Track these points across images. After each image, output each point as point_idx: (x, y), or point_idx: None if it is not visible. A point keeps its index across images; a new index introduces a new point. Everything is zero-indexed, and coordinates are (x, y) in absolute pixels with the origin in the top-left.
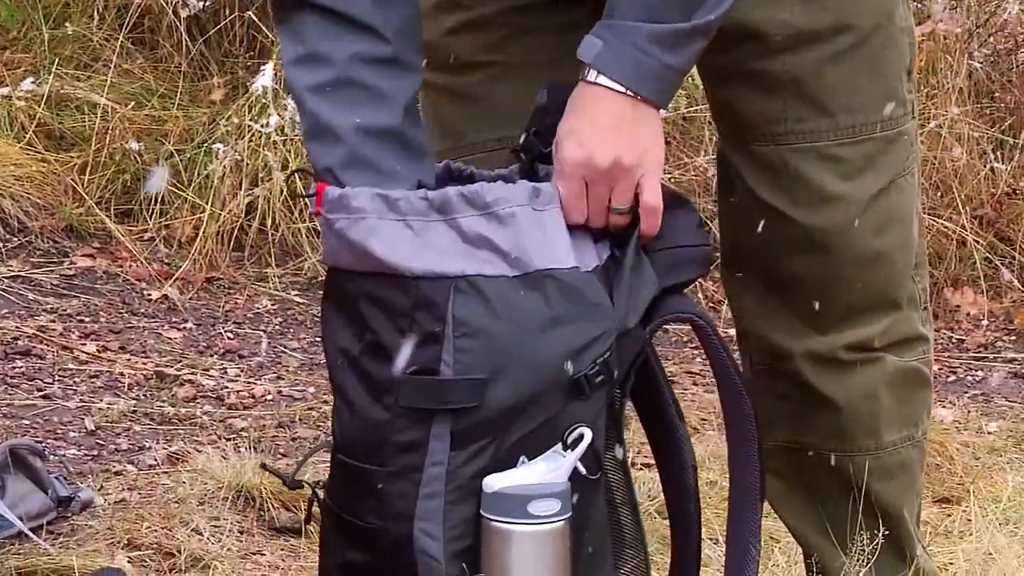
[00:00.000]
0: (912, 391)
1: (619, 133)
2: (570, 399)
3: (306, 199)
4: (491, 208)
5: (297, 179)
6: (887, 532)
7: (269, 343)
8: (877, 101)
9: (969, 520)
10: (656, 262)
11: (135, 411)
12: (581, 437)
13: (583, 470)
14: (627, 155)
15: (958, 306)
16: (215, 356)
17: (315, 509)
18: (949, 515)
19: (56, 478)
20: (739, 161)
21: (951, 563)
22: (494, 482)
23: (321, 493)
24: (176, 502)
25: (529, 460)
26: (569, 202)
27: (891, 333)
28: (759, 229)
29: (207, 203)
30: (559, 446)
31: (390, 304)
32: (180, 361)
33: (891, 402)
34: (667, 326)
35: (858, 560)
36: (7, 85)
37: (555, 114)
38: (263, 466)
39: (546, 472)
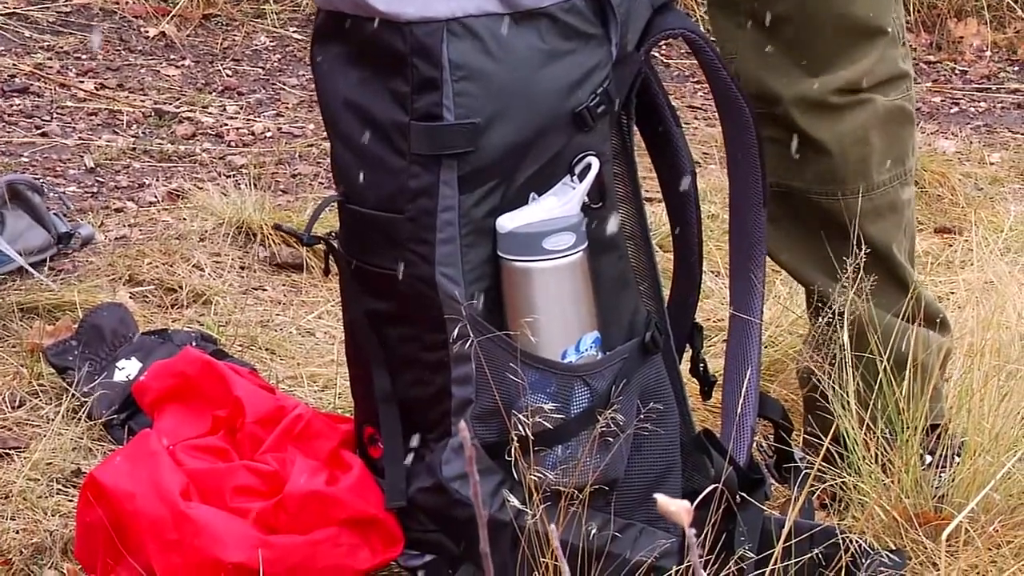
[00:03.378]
0: (899, 129)
1: None
2: (574, 132)
3: None
4: None
5: None
6: (881, 266)
7: (267, 80)
8: None
9: (970, 250)
10: None
11: (134, 148)
12: (589, 166)
13: (587, 200)
14: None
15: (961, 37)
16: (214, 93)
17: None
18: (950, 245)
19: (56, 214)
20: None
21: (952, 292)
22: (507, 222)
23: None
24: (177, 238)
25: (539, 196)
26: None
27: (877, 72)
28: None
29: None
30: (568, 178)
31: (392, 50)
32: (179, 99)
33: (880, 143)
34: (669, 61)
35: (857, 291)
36: None
37: None
38: (276, 227)
39: (557, 206)
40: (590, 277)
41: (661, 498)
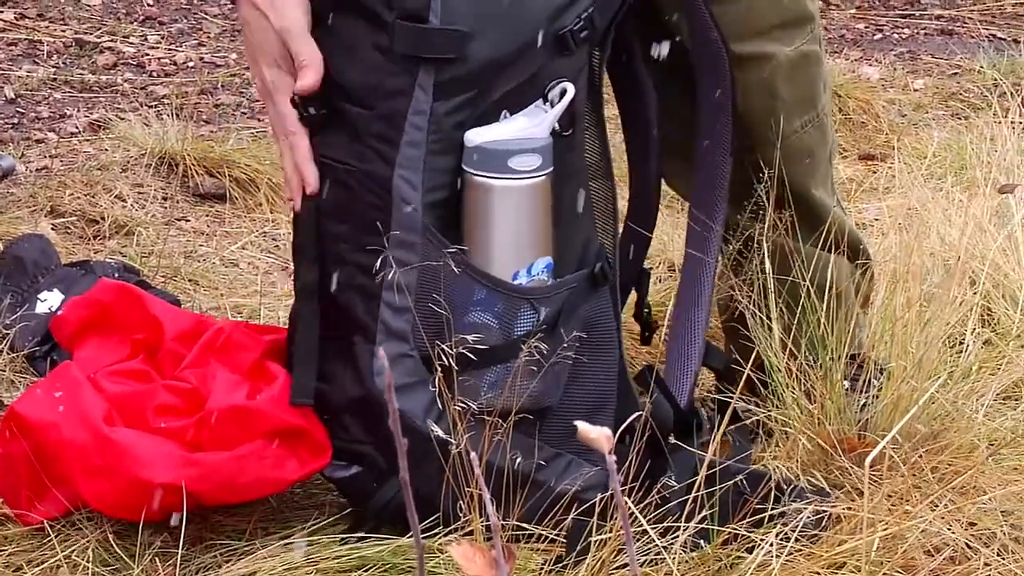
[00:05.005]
0: (807, 74)
1: None
2: (554, 55)
3: None
4: None
5: None
6: (799, 203)
7: (189, 9)
8: None
9: (894, 176)
10: None
11: (55, 79)
12: (564, 92)
13: (558, 127)
14: None
15: None
16: (135, 23)
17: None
18: (874, 172)
19: None
20: None
21: (877, 219)
22: (476, 136)
23: None
24: (99, 169)
25: (511, 115)
26: None
27: (780, 12)
28: None
29: None
30: (540, 101)
31: None
32: (99, 28)
33: (788, 93)
34: None
35: (772, 226)
36: None
37: None
38: None
39: (527, 126)
40: (550, 202)
41: (582, 425)
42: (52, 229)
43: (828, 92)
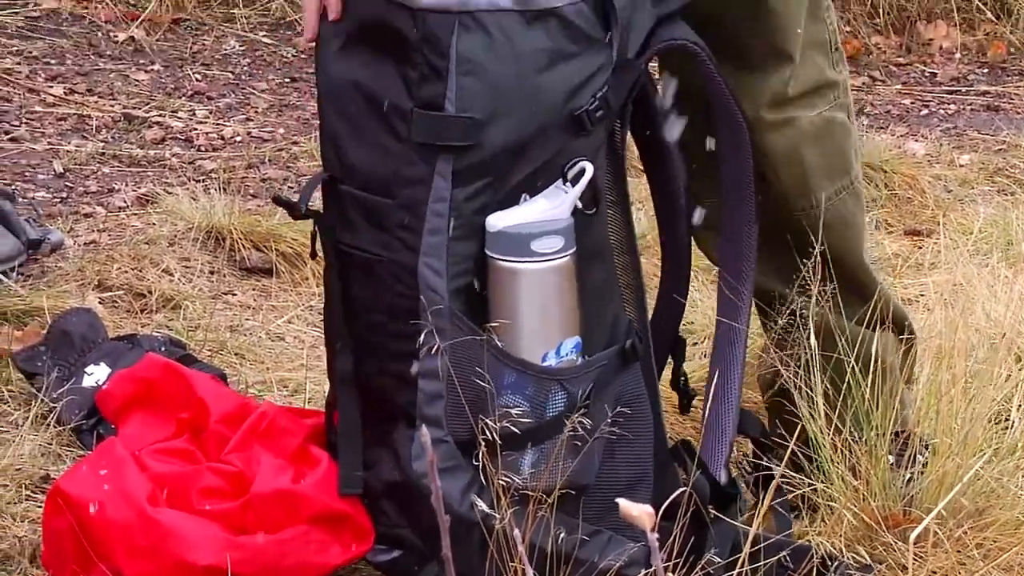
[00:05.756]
0: (834, 141)
1: None
2: (571, 136)
3: None
4: None
5: None
6: (841, 276)
7: (237, 84)
8: None
9: (939, 252)
10: None
11: (104, 153)
12: (583, 171)
13: (580, 205)
14: None
15: (931, 39)
16: (183, 98)
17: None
18: (920, 247)
19: (26, 220)
20: None
21: (921, 295)
22: (497, 221)
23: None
24: (146, 243)
25: (531, 197)
26: None
27: (800, 81)
28: None
29: None
30: (560, 181)
31: (402, 34)
32: (148, 103)
33: (816, 159)
34: None
35: (817, 301)
36: None
37: None
38: (275, 199)
39: (548, 208)
40: (576, 282)
41: (624, 503)
42: (99, 303)
43: (859, 163)
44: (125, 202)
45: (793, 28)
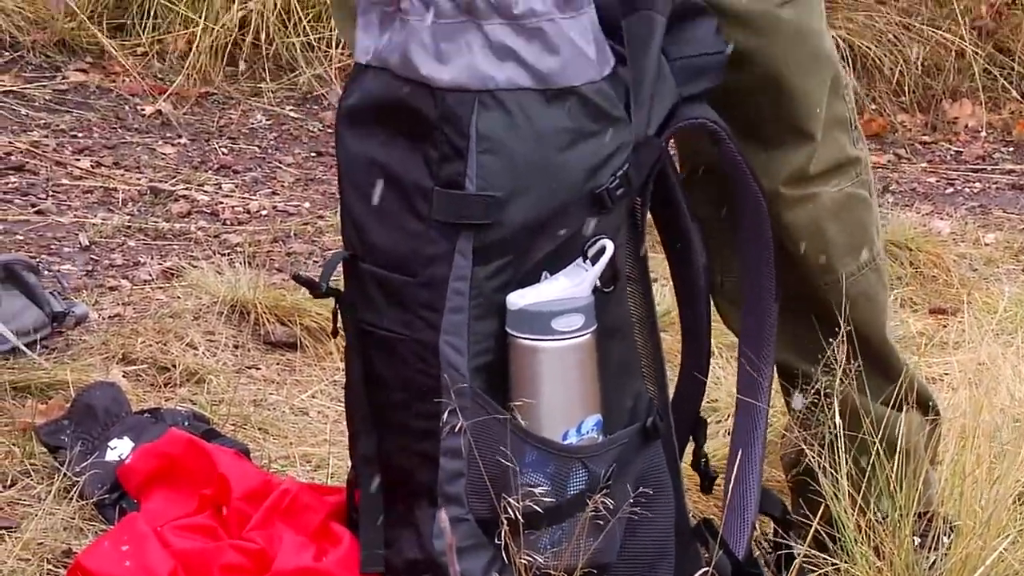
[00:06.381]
0: (856, 217)
1: None
2: (591, 214)
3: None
4: (518, 20)
5: None
6: (866, 353)
7: (264, 158)
8: None
9: (964, 331)
10: (676, 71)
11: (129, 226)
12: (603, 250)
13: (600, 283)
14: None
15: (956, 118)
16: (209, 171)
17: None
18: (944, 326)
19: (51, 293)
20: None
21: (946, 374)
22: (518, 299)
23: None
24: (171, 317)
25: (551, 275)
26: None
27: (821, 159)
28: None
29: (200, 17)
30: (581, 259)
31: (423, 114)
32: (175, 176)
33: (838, 234)
34: None
35: (841, 380)
36: None
37: None
38: (295, 277)
39: (569, 287)
40: (596, 360)
41: None
42: (123, 376)
43: (882, 238)
44: (150, 275)
45: (814, 108)
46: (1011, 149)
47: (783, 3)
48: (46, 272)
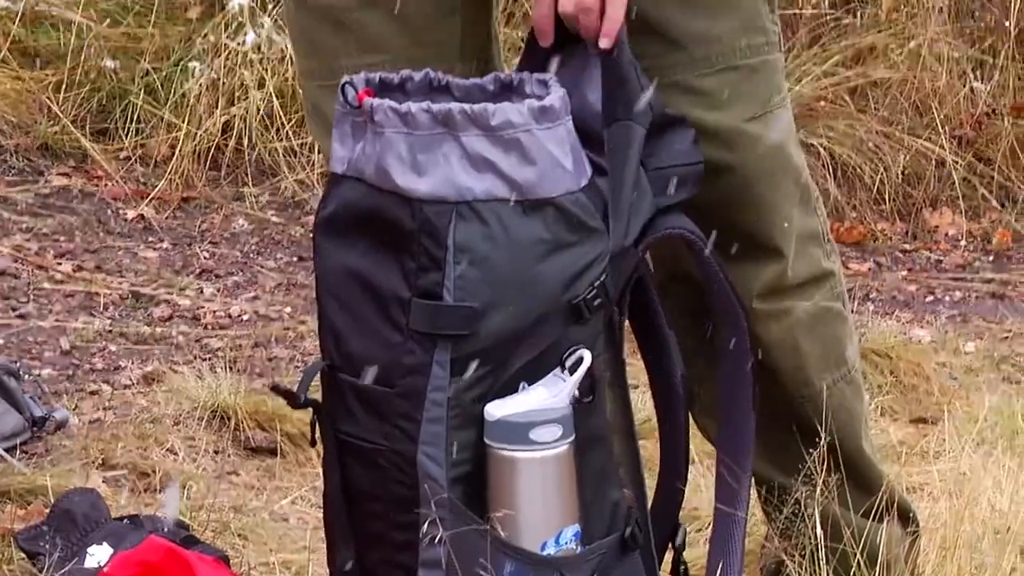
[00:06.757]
0: (830, 330)
1: None
2: (569, 324)
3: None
4: (495, 132)
5: (274, 99)
6: (844, 465)
7: (245, 263)
8: (732, 31)
9: (945, 440)
10: (653, 180)
11: (111, 331)
12: (581, 360)
13: (578, 393)
14: None
15: (936, 226)
16: (191, 276)
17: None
18: (925, 435)
19: (31, 398)
20: None
21: (926, 483)
22: (496, 410)
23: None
24: (151, 422)
25: (529, 385)
26: None
27: (796, 273)
28: None
29: (183, 121)
30: (559, 369)
31: (400, 224)
32: (156, 281)
33: (812, 348)
34: None
35: (821, 493)
36: None
37: None
38: (273, 388)
39: (547, 397)
40: (575, 469)
41: None
42: (103, 482)
43: (857, 350)
44: (131, 380)
45: (781, 222)
46: (991, 258)
47: (751, 118)
48: (26, 376)
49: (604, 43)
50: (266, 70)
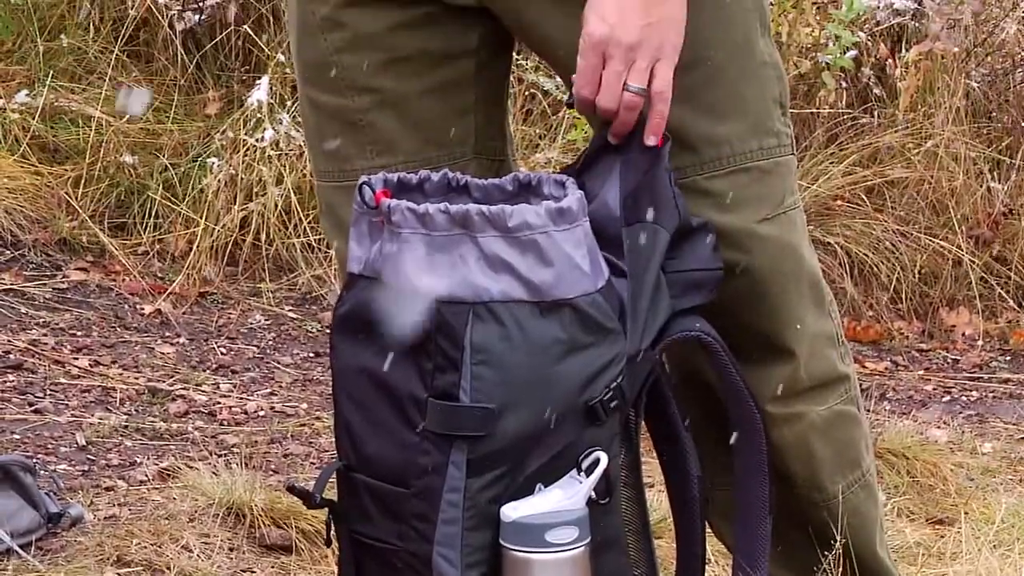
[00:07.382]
0: (844, 434)
1: (644, 12)
2: (585, 425)
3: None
4: (513, 233)
5: (292, 195)
6: (858, 570)
7: (262, 358)
8: (742, 133)
9: (962, 542)
10: (671, 283)
11: (127, 426)
12: (597, 462)
13: (594, 495)
14: (649, 35)
15: (953, 326)
16: (208, 371)
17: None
18: (942, 536)
19: (47, 494)
20: None
21: None
22: (511, 511)
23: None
24: (166, 518)
25: (546, 487)
26: (584, 75)
27: (811, 376)
28: None
29: (201, 217)
30: (575, 471)
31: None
32: (172, 376)
33: (826, 452)
34: None
35: None
36: (1, 97)
37: None
38: (289, 488)
39: (563, 499)
40: (590, 571)
41: None
42: None
43: (871, 454)
44: (147, 476)
45: (793, 323)
46: (1008, 358)
47: (763, 219)
48: (42, 472)
49: (651, 140)
50: (284, 166)
